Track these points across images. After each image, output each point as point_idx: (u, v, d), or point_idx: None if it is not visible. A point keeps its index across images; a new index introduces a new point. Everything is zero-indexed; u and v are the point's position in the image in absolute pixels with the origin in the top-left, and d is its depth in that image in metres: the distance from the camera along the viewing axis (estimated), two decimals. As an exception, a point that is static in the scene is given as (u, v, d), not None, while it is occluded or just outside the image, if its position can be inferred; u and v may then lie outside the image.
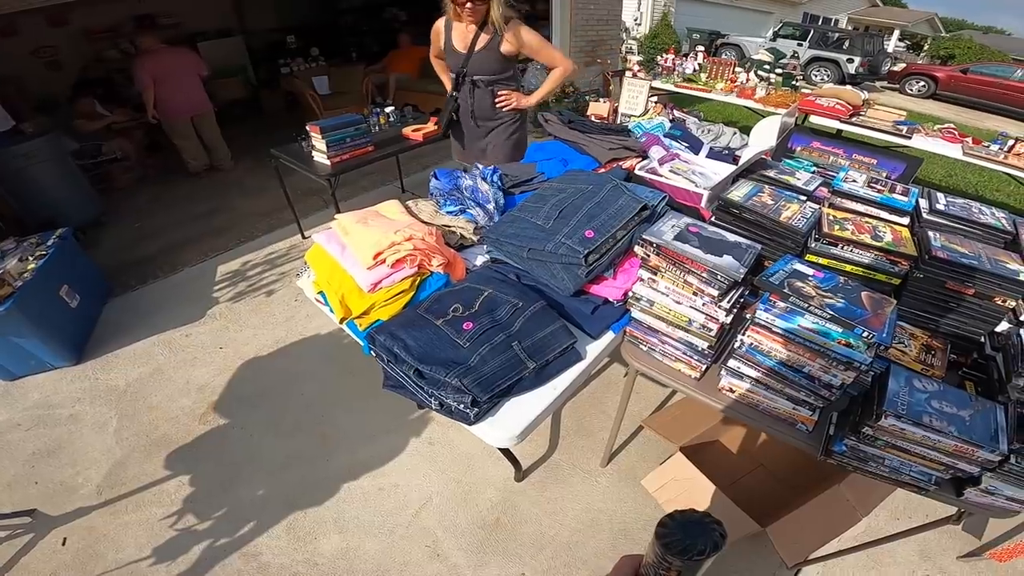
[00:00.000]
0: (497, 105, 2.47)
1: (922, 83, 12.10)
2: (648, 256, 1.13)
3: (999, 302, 1.16)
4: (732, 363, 1.14)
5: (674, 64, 5.23)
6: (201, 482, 2.05)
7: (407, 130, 3.32)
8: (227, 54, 6.92)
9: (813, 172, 2.42)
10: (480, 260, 1.45)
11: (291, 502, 1.97)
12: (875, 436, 0.99)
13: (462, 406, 1.07)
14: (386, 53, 7.01)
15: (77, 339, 2.74)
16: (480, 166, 1.71)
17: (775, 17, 15.63)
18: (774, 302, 1.03)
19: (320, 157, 3.00)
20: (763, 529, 1.66)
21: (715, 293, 1.04)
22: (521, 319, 1.17)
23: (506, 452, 1.85)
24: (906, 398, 0.96)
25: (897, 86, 12.57)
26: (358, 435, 2.24)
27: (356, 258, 1.32)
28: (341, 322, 1.31)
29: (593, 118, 3.12)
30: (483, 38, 2.29)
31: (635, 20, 12.84)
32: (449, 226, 1.47)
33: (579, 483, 2.07)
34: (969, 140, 3.72)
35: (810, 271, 1.09)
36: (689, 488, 1.81)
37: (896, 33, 20.83)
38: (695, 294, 1.09)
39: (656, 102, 2.97)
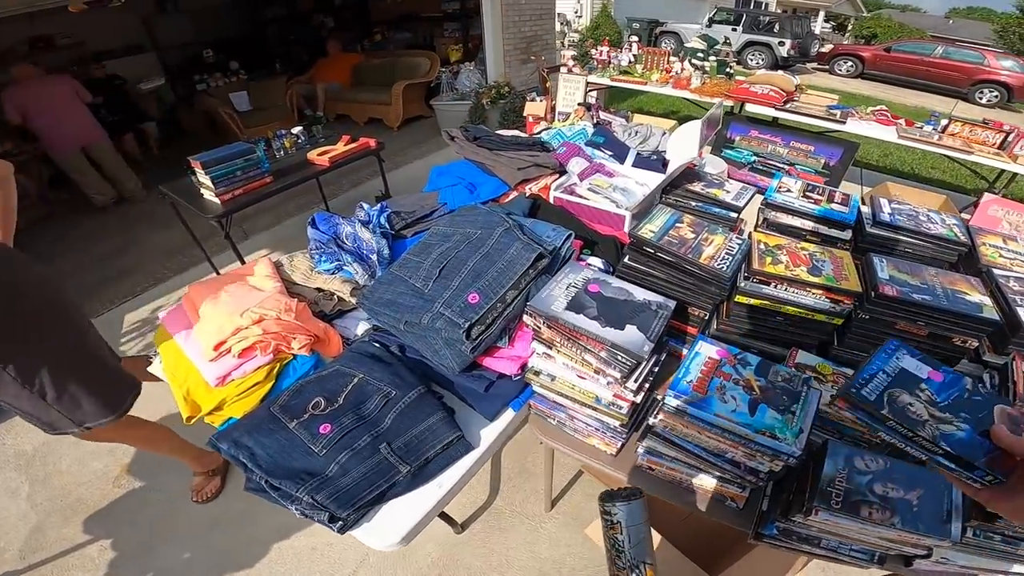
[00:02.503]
0: None
1: (850, 63, 12.53)
2: (539, 328, 0.94)
3: (958, 342, 1.01)
4: (648, 442, 0.96)
5: (609, 57, 5.06)
6: (123, 546, 1.95)
7: (312, 154, 2.98)
8: (139, 71, 6.45)
9: (753, 162, 2.32)
10: (362, 327, 1.22)
11: (220, 565, 1.85)
12: (808, 524, 0.84)
13: (324, 520, 0.87)
14: (316, 62, 6.65)
15: (-24, 405, 2.43)
16: (365, 205, 1.47)
17: (711, 3, 15.80)
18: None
19: (209, 194, 2.60)
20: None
21: (617, 375, 0.86)
22: (392, 413, 0.95)
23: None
24: (843, 484, 0.79)
25: (827, 67, 12.92)
26: (286, 492, 2.04)
27: (200, 346, 1.08)
28: (187, 421, 1.07)
29: (529, 118, 2.93)
30: None
31: (575, 12, 12.79)
32: (322, 289, 1.24)
33: (523, 530, 1.92)
34: (902, 122, 3.69)
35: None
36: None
37: (822, 14, 21.39)
38: (597, 373, 0.91)
39: (579, 104, 2.80)
